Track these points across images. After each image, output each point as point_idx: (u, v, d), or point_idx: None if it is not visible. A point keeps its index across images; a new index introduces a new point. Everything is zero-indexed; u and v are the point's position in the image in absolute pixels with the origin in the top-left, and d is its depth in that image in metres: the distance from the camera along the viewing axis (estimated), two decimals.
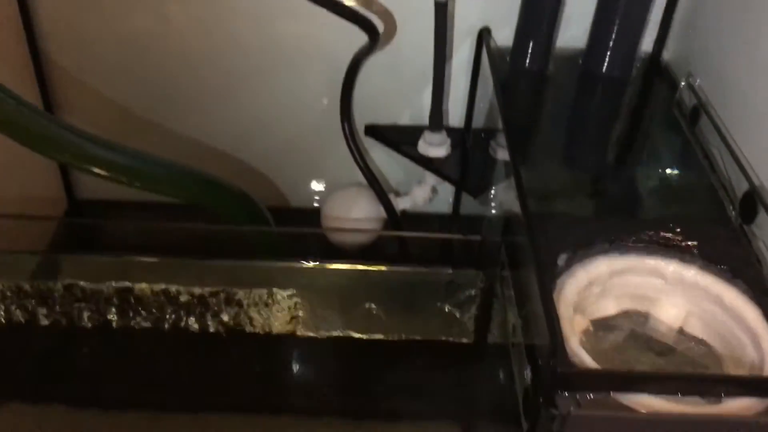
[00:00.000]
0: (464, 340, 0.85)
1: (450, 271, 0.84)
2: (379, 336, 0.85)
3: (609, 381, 0.59)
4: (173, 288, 0.80)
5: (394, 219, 1.06)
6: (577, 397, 0.59)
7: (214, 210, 0.89)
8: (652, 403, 0.59)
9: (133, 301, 0.81)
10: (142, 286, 0.80)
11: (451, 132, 1.05)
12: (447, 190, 1.14)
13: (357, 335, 0.85)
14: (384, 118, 1.08)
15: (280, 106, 1.05)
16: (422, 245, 1.06)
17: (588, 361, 0.62)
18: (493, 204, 0.96)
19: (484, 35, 0.98)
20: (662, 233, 0.74)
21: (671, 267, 0.72)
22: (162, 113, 1.05)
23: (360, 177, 1.06)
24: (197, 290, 0.82)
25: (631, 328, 0.74)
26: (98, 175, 0.77)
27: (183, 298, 0.82)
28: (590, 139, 0.91)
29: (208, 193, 0.89)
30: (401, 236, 1.05)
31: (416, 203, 1.08)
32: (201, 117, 1.06)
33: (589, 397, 0.59)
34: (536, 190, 0.82)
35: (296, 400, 0.82)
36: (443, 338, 0.85)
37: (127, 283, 0.80)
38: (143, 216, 1.02)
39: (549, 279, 0.69)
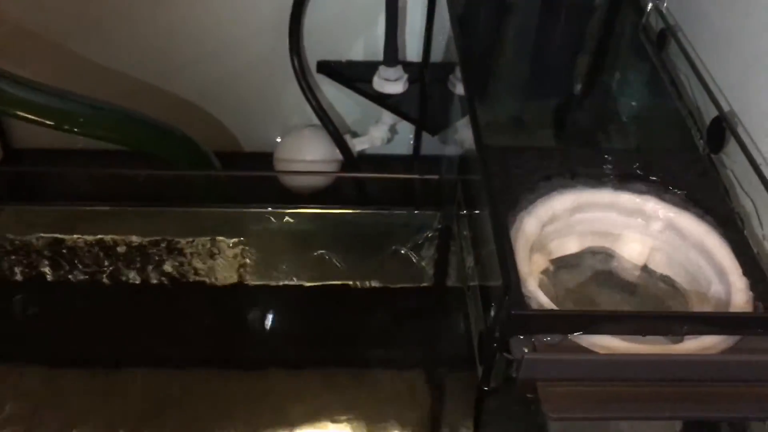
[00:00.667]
0: (423, 284, 0.81)
1: (405, 212, 0.80)
2: (333, 283, 0.81)
3: (566, 322, 0.55)
4: (109, 238, 0.75)
5: (351, 161, 1.01)
6: (533, 340, 0.55)
7: (155, 155, 0.84)
8: (612, 344, 0.55)
9: (66, 252, 0.76)
10: (74, 237, 0.74)
11: (409, 66, 1.00)
12: (406, 130, 1.09)
13: (309, 283, 0.81)
14: (337, 54, 1.02)
15: (223, 37, 0.98)
16: (381, 187, 1.01)
17: (545, 302, 0.58)
18: (453, 141, 0.92)
19: None
20: (626, 165, 0.70)
21: (635, 201, 0.67)
22: (95, 48, 0.97)
23: (314, 118, 1.00)
24: (135, 240, 0.77)
25: (594, 266, 0.70)
26: (27, 119, 0.71)
27: (120, 249, 0.77)
28: (552, 68, 0.86)
29: (147, 136, 0.84)
30: (357, 178, 1.01)
31: (374, 144, 1.03)
32: (136, 49, 0.98)
33: (547, 339, 0.55)
34: (494, 123, 0.77)
35: (248, 353, 0.78)
36: (401, 284, 0.81)
37: (59, 235, 0.75)
38: (83, 164, 0.96)
39: (505, 217, 0.65)
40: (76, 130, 0.75)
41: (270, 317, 0.81)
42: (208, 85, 1.01)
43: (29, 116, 0.72)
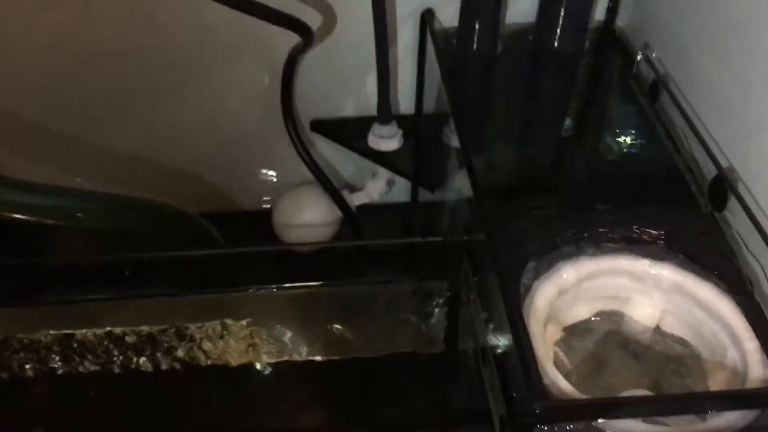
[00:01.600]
0: (434, 351, 0.81)
1: (413, 281, 0.80)
2: (344, 356, 0.81)
3: (589, 410, 0.55)
4: (118, 330, 0.75)
5: (350, 217, 1.01)
6: (556, 430, 0.55)
7: (153, 237, 0.83)
8: (635, 427, 0.56)
9: (76, 346, 0.75)
10: (84, 332, 0.74)
11: (402, 120, 0.99)
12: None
13: (321, 358, 0.81)
14: (330, 112, 1.02)
15: (216, 106, 0.98)
16: (386, 246, 1.01)
17: (565, 386, 0.58)
18: (452, 201, 0.92)
19: (427, 17, 0.92)
20: (630, 228, 0.70)
21: (641, 265, 0.68)
22: (81, 125, 0.96)
23: (310, 174, 1.00)
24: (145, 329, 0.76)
25: (606, 330, 0.70)
26: (22, 221, 0.70)
27: (129, 339, 0.76)
28: (545, 122, 0.86)
29: (143, 220, 0.83)
30: (357, 245, 1.00)
31: (372, 198, 1.03)
32: (127, 125, 0.97)
33: (569, 428, 0.55)
34: (492, 182, 0.77)
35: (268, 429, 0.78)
36: (412, 351, 0.81)
37: (68, 330, 0.74)
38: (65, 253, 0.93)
39: (515, 291, 0.65)
40: (66, 224, 0.74)
41: (284, 393, 0.80)
42: (204, 153, 1.01)
43: (25, 217, 0.71)
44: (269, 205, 1.07)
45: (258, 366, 0.80)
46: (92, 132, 0.96)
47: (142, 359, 0.78)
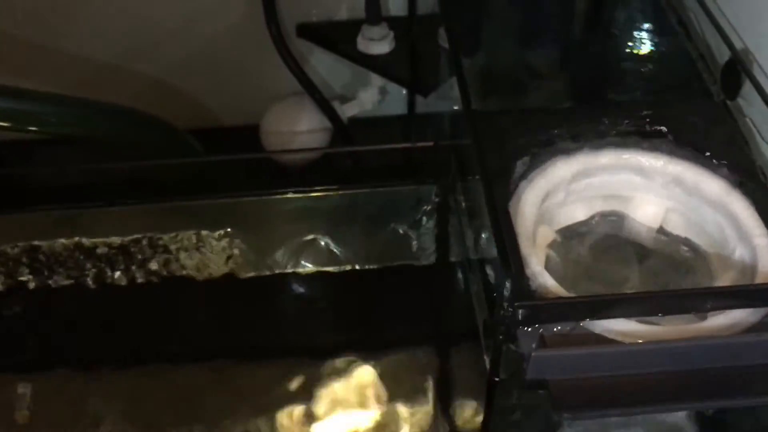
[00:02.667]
0: (424, 263, 0.76)
1: (400, 188, 0.75)
2: (330, 269, 0.77)
3: (575, 309, 0.50)
4: (87, 241, 0.71)
5: (342, 128, 0.96)
6: (541, 331, 0.50)
7: (127, 145, 0.79)
8: (628, 327, 0.51)
9: (44, 259, 0.72)
10: (51, 243, 0.70)
11: (395, 22, 0.93)
12: (399, 87, 1.02)
13: (305, 270, 0.76)
14: (317, 14, 0.95)
15: (190, 10, 0.91)
16: (376, 155, 0.95)
17: (552, 285, 0.53)
18: (447, 103, 0.85)
19: None
20: (633, 119, 0.63)
21: (645, 159, 0.62)
22: (47, 30, 0.90)
23: (299, 86, 0.94)
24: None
25: (605, 233, 0.65)
26: None
27: (101, 251, 0.73)
28: (546, 13, 0.79)
29: (117, 127, 0.79)
30: (347, 151, 0.95)
31: (364, 108, 0.97)
32: (98, 30, 0.91)
33: (557, 329, 0.50)
34: (485, 80, 0.71)
35: (255, 343, 0.74)
36: (402, 263, 0.77)
37: (35, 241, 0.70)
38: (40, 158, 0.89)
39: (504, 189, 0.59)
40: (38, 129, 0.70)
41: (268, 307, 0.77)
42: (180, 62, 0.95)
43: None
44: (254, 121, 1.02)
45: (238, 279, 0.76)
46: (61, 38, 0.90)
47: (117, 273, 0.74)
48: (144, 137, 0.82)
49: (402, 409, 0.67)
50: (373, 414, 0.68)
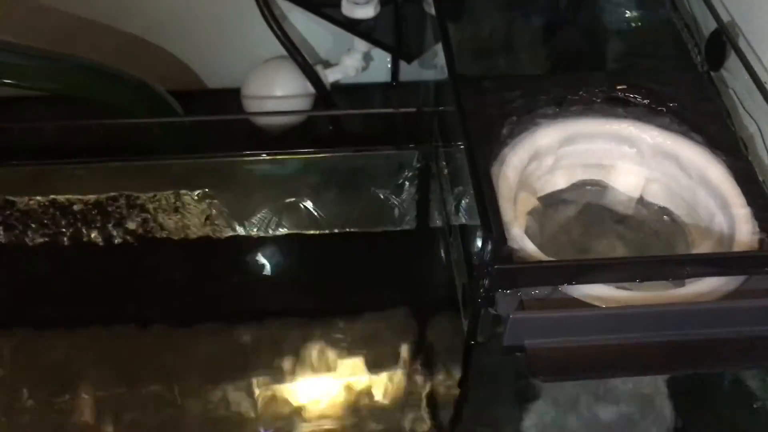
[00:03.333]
0: (405, 228, 0.76)
1: (382, 152, 0.74)
2: (309, 232, 0.76)
3: (554, 274, 0.50)
4: (62, 198, 0.70)
5: (324, 94, 0.94)
6: (520, 294, 0.50)
7: (105, 104, 0.77)
8: (606, 293, 0.51)
9: (19, 215, 0.71)
10: (26, 199, 0.69)
11: None
12: (384, 55, 1.01)
13: (285, 233, 0.76)
14: None
15: None
16: (358, 121, 0.95)
17: (531, 250, 0.53)
18: (431, 69, 0.85)
19: None
20: (617, 88, 0.63)
21: (627, 128, 0.62)
22: None
23: (282, 49, 0.93)
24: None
25: (586, 202, 0.65)
26: None
27: (76, 208, 0.71)
28: None
29: (95, 84, 0.77)
30: (329, 115, 0.94)
31: (347, 74, 0.96)
32: None
33: (535, 292, 0.51)
34: (470, 48, 0.71)
35: (232, 305, 0.74)
36: (382, 228, 0.76)
37: (9, 196, 0.69)
38: (18, 114, 0.87)
39: (486, 155, 0.59)
40: (13, 82, 0.68)
41: (246, 269, 0.76)
42: (162, 22, 0.93)
43: None
44: (239, 84, 1.00)
45: (217, 240, 0.75)
46: None
47: (93, 232, 0.73)
48: (118, 94, 0.80)
49: (379, 372, 0.67)
50: (349, 378, 0.68)
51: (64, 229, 0.73)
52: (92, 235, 0.74)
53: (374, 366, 0.68)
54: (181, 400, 0.67)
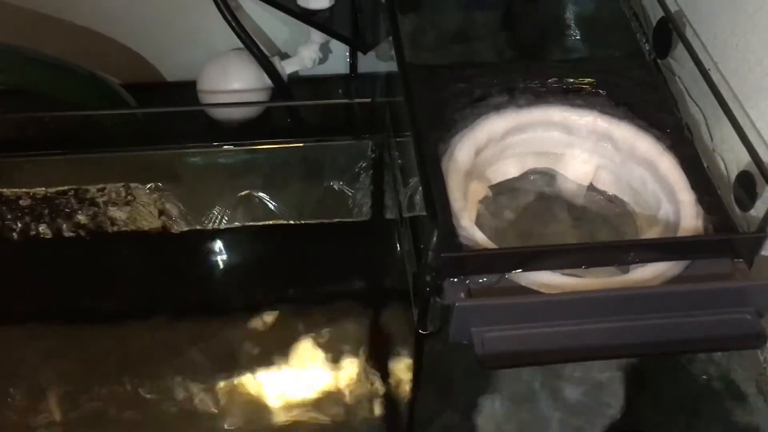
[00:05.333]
0: (359, 219, 0.76)
1: (334, 143, 0.74)
2: (264, 223, 0.75)
3: (501, 261, 0.50)
4: (8, 191, 0.68)
5: (281, 86, 0.94)
6: (468, 282, 0.50)
7: (55, 97, 0.76)
8: (554, 280, 0.51)
9: None
10: None
11: None
12: (342, 46, 1.01)
13: (240, 224, 0.75)
14: None
15: None
16: (316, 114, 0.94)
17: (480, 238, 0.53)
18: (386, 60, 0.84)
19: None
20: (566, 76, 0.64)
21: (576, 117, 0.62)
22: None
23: (239, 42, 0.92)
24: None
25: (536, 189, 0.65)
26: None
27: (24, 202, 0.70)
28: None
29: (44, 77, 0.76)
30: (284, 106, 0.93)
31: (305, 65, 0.95)
32: None
33: (482, 280, 0.51)
34: (422, 37, 0.70)
35: (187, 299, 0.73)
36: (337, 219, 0.76)
37: None
38: None
39: (436, 144, 0.59)
40: None
41: (201, 263, 0.75)
42: (114, 12, 0.92)
43: None
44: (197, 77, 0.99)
45: (171, 234, 0.74)
46: None
47: (42, 226, 0.72)
48: (68, 87, 0.79)
49: (334, 364, 0.67)
50: (303, 370, 0.67)
51: (9, 223, 0.72)
52: (40, 229, 0.73)
53: (329, 357, 0.67)
54: (137, 397, 0.66)
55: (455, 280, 0.50)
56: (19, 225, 0.72)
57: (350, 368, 0.66)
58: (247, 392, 0.66)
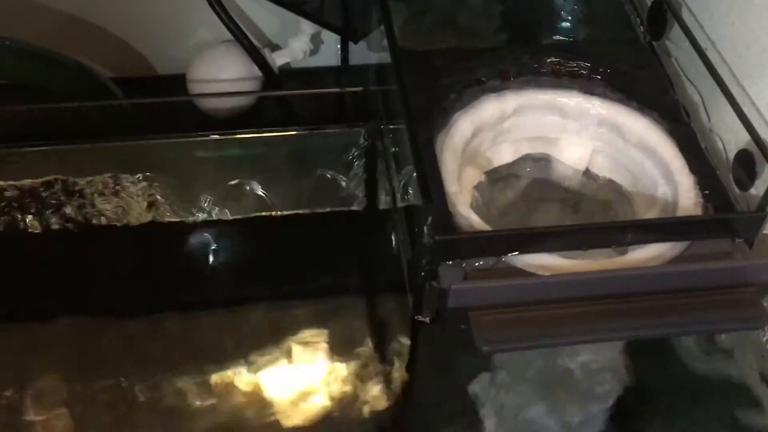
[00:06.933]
0: (352, 208, 0.75)
1: (327, 131, 0.73)
2: (257, 214, 0.74)
3: (497, 244, 0.49)
4: None
5: (272, 77, 0.93)
6: (464, 266, 0.49)
7: (42, 88, 0.75)
8: (551, 262, 0.50)
9: None
10: None
11: None
12: (334, 38, 1.00)
13: (231, 216, 0.74)
14: None
15: None
16: (307, 105, 0.93)
17: (476, 221, 0.52)
18: (378, 48, 0.84)
19: None
20: (560, 60, 0.63)
21: (570, 100, 0.61)
22: None
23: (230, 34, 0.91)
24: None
25: (532, 174, 0.64)
26: None
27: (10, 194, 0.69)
28: None
29: (30, 68, 0.74)
30: (273, 96, 0.92)
31: (295, 57, 0.94)
32: None
33: (479, 263, 0.50)
34: (414, 24, 0.70)
35: (180, 293, 0.72)
36: (330, 209, 0.75)
37: None
38: None
39: (429, 130, 0.58)
40: None
41: (192, 255, 0.74)
42: (105, 3, 0.90)
43: None
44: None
45: (161, 226, 0.73)
46: None
47: (29, 217, 0.71)
48: (54, 78, 0.77)
49: (331, 355, 0.66)
50: (301, 362, 0.66)
51: None
52: (27, 220, 0.71)
53: (326, 349, 0.66)
54: (130, 392, 0.65)
55: (451, 263, 0.49)
56: (6, 218, 0.71)
57: (345, 358, 0.65)
58: (240, 387, 0.65)
